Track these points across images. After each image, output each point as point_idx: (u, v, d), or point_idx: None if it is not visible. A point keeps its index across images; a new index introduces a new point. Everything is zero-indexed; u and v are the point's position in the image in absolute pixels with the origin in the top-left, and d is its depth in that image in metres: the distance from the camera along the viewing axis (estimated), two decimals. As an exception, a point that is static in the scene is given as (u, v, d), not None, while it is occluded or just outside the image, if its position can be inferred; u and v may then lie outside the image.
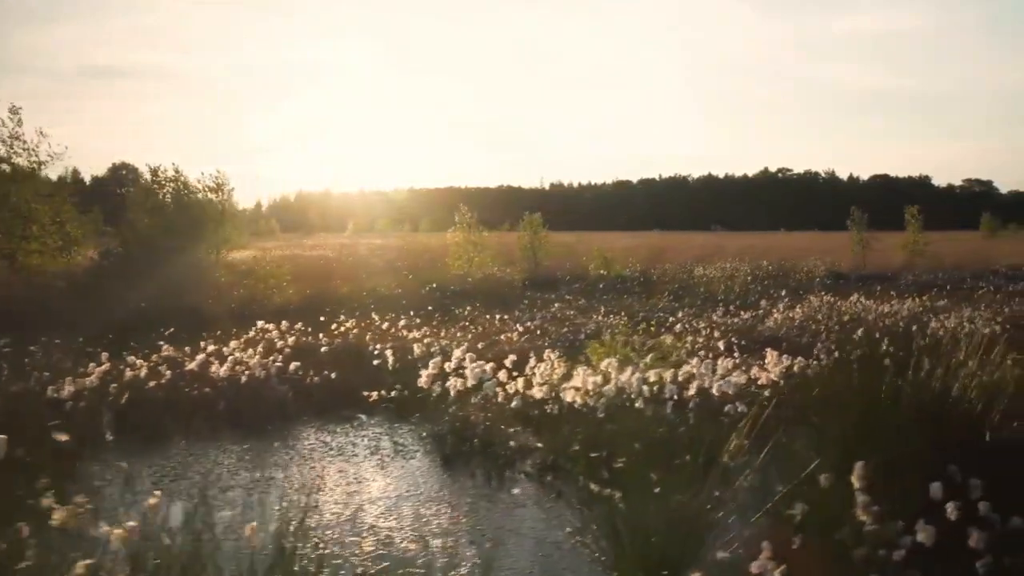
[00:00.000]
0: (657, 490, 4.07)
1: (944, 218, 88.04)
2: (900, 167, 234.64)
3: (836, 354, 7.76)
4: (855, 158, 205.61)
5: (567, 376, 7.00)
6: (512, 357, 7.50)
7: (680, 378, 6.38)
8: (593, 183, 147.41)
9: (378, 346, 9.52)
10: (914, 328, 10.09)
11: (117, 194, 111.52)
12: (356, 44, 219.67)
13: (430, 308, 14.37)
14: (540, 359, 7.57)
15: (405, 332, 10.99)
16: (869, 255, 25.68)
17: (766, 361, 7.41)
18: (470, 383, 6.83)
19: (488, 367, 6.88)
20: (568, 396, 6.31)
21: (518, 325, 12.08)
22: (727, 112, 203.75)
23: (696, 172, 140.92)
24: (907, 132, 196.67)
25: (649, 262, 24.35)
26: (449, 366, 7.21)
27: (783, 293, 15.31)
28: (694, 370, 6.36)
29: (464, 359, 7.13)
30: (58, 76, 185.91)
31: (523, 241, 22.70)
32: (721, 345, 8.98)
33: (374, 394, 7.93)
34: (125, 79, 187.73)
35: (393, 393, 7.84)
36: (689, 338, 10.12)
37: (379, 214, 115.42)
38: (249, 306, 14.88)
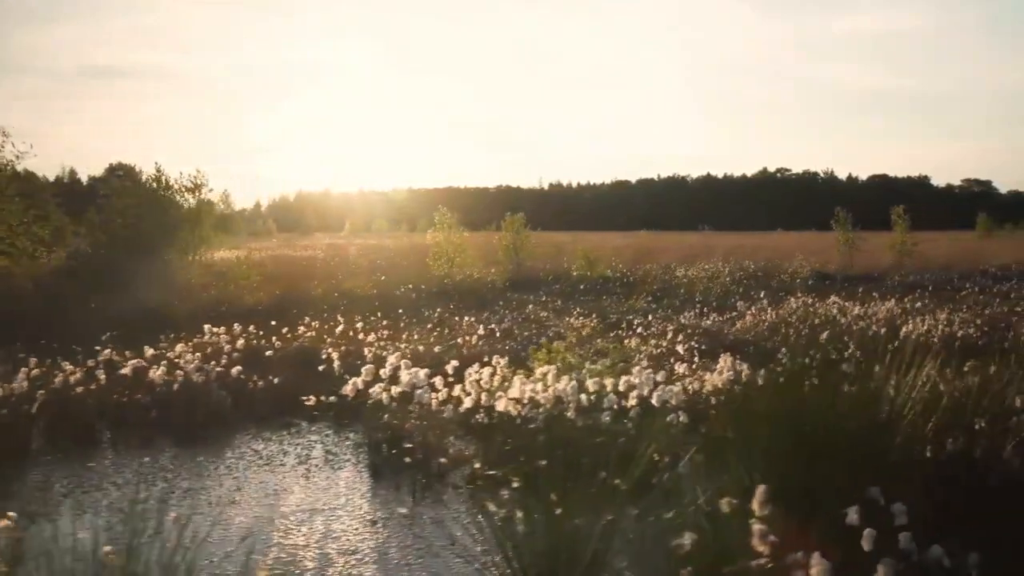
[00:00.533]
0: (559, 509, 3.78)
1: (943, 218, 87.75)
2: (899, 167, 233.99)
3: (788, 362, 7.45)
4: (854, 158, 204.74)
5: (508, 383, 6.70)
6: (454, 363, 7.19)
7: (622, 386, 6.06)
8: (592, 183, 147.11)
9: (330, 350, 9.22)
10: (882, 331, 9.79)
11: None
12: (356, 44, 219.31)
13: (400, 311, 14.07)
14: (486, 364, 7.27)
15: (363, 335, 10.67)
16: (858, 256, 25.36)
17: (719, 367, 7.12)
18: (401, 390, 6.52)
19: (423, 373, 6.57)
20: (501, 405, 6.01)
21: (481, 327, 11.75)
22: (726, 112, 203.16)
23: (695, 172, 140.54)
24: (907, 132, 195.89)
25: (636, 263, 24.04)
26: (385, 372, 6.90)
27: (762, 295, 15.00)
28: (635, 379, 6.04)
29: (399, 365, 6.82)
30: (58, 76, 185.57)
31: (505, 242, 22.36)
32: (681, 349, 8.67)
33: (313, 400, 7.62)
34: (125, 79, 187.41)
35: (332, 399, 7.53)
36: (653, 341, 9.83)
37: (378, 214, 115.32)
38: (217, 308, 14.57)
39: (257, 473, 6.33)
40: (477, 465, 5.98)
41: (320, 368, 8.49)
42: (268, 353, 9.23)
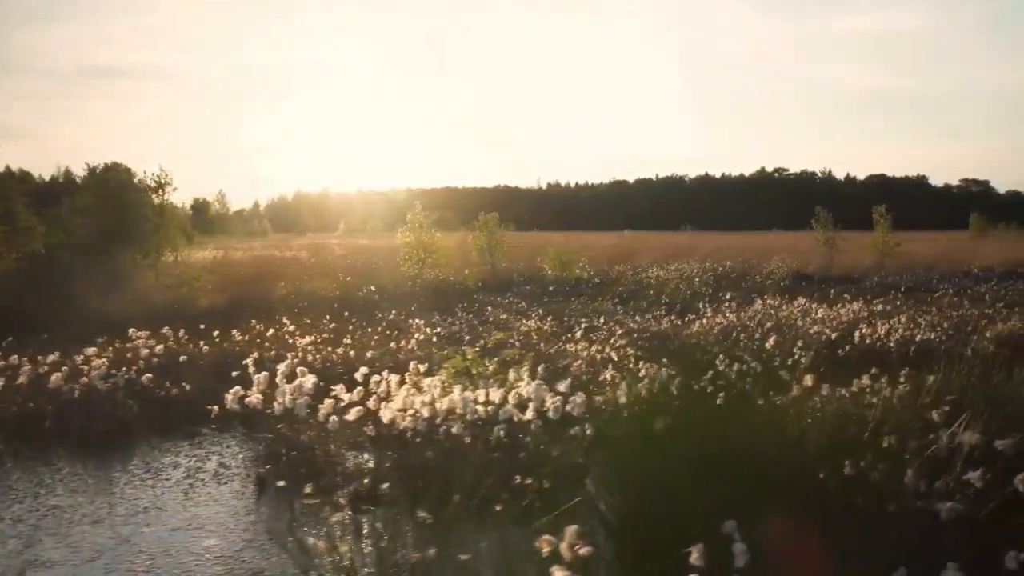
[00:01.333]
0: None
1: (942, 218, 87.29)
2: (898, 167, 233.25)
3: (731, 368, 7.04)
4: (852, 158, 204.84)
5: (416, 392, 6.28)
6: (363, 369, 6.76)
7: (515, 397, 5.63)
8: (590, 183, 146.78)
9: (254, 354, 8.81)
10: (834, 336, 9.36)
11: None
12: (355, 44, 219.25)
13: (349, 313, 13.69)
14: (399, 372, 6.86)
15: (298, 339, 10.27)
16: (843, 256, 24.89)
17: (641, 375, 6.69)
18: (286, 401, 6.09)
19: (310, 382, 6.13)
20: (386, 416, 5.59)
21: (428, 330, 11.35)
22: (725, 112, 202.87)
23: (693, 172, 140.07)
24: (906, 132, 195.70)
25: (616, 263, 23.62)
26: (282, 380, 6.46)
27: (728, 296, 14.54)
28: (524, 390, 5.61)
29: (296, 372, 6.39)
30: (58, 76, 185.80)
31: (479, 242, 21.92)
32: (615, 356, 8.25)
33: (217, 408, 7.19)
34: (125, 79, 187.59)
35: (237, 407, 7.10)
36: (595, 347, 9.41)
37: (375, 214, 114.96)
38: (167, 311, 14.17)
39: (137, 488, 5.92)
40: (366, 481, 5.60)
41: (234, 374, 8.07)
42: (182, 359, 8.79)
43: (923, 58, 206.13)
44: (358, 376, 6.70)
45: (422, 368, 7.12)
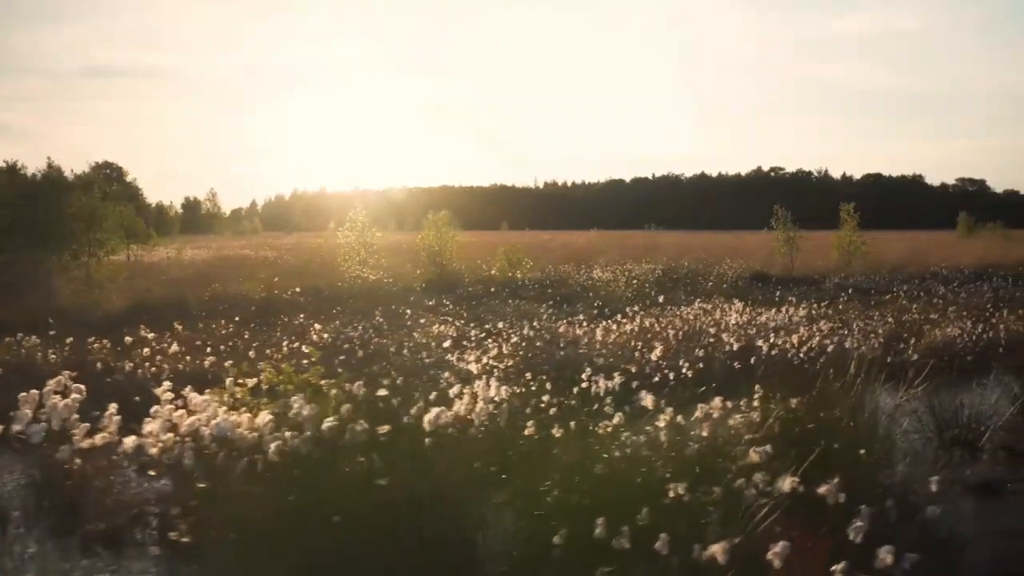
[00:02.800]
0: None
1: (941, 217, 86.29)
2: (895, 166, 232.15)
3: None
4: (849, 157, 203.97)
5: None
6: (167, 384, 5.95)
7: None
8: (586, 182, 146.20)
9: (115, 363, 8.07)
10: (736, 347, 8.52)
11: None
12: (354, 44, 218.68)
13: (248, 316, 12.93)
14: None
15: (167, 345, 9.48)
16: (812, 256, 24.03)
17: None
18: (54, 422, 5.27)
19: (63, 403, 5.32)
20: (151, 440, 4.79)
21: (323, 336, 10.56)
22: (723, 111, 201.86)
23: (690, 171, 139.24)
24: (905, 131, 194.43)
25: (575, 262, 22.80)
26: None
27: (660, 299, 13.70)
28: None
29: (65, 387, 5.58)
30: (58, 76, 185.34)
31: (427, 241, 21.08)
32: (475, 368, 7.44)
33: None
34: (125, 79, 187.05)
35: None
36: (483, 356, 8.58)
37: (371, 214, 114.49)
38: (64, 314, 13.39)
39: None
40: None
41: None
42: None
43: (921, 58, 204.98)
44: (159, 392, 5.93)
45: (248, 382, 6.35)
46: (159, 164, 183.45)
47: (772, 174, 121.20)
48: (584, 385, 6.48)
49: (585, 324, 10.86)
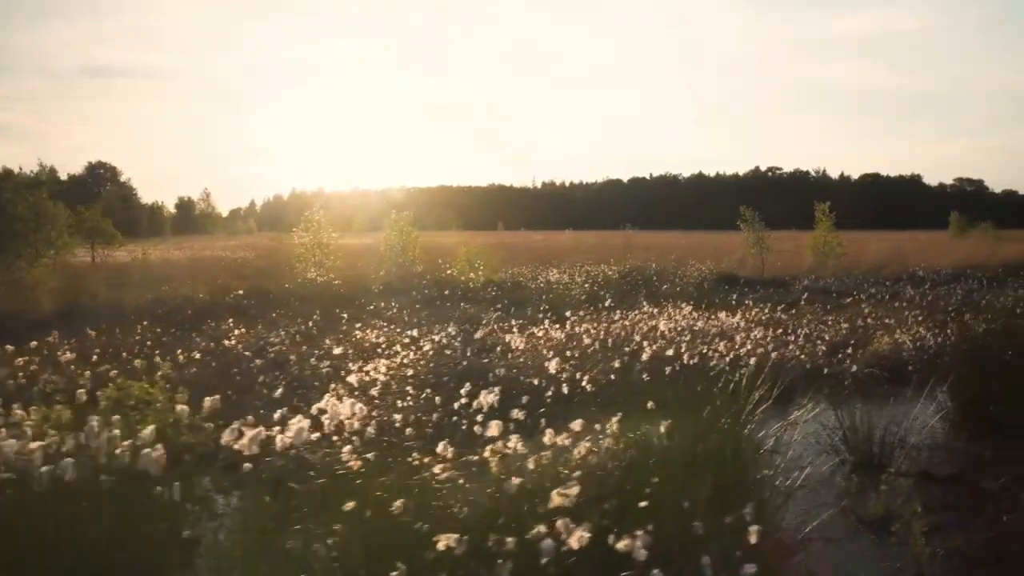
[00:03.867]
0: None
1: (941, 217, 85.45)
2: (893, 166, 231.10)
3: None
4: (847, 157, 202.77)
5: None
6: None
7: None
8: (584, 182, 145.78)
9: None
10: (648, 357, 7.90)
11: (94, 192, 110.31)
12: (352, 44, 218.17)
13: (182, 319, 12.35)
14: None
15: (61, 354, 8.90)
16: (793, 257, 23.39)
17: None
18: None
19: None
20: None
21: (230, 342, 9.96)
22: (722, 111, 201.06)
23: (688, 171, 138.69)
24: (906, 132, 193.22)
25: (541, 263, 22.20)
26: None
27: (608, 303, 13.08)
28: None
29: None
30: (58, 76, 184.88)
31: (389, 242, 20.48)
32: (354, 380, 6.86)
33: None
34: (125, 79, 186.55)
35: None
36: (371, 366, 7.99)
37: (366, 213, 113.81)
38: None
39: None
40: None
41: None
42: None
43: (921, 58, 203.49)
44: None
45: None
46: (159, 164, 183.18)
47: (770, 174, 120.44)
48: (464, 401, 5.91)
49: (515, 330, 10.26)
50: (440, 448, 4.16)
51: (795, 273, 20.09)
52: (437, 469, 3.84)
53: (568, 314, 12.00)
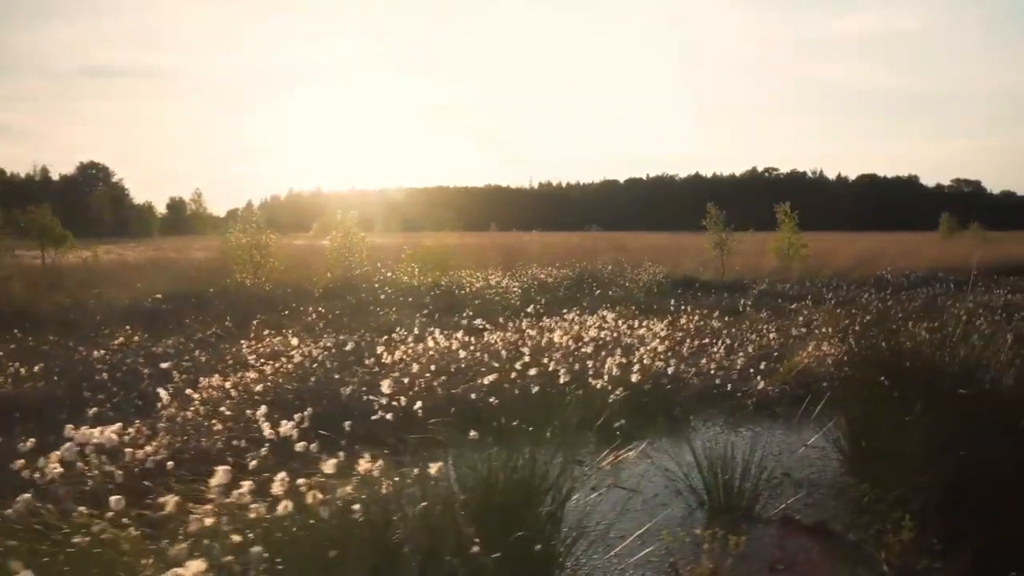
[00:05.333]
0: None
1: (937, 218, 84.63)
2: (891, 167, 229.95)
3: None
4: (845, 158, 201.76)
5: None
6: None
7: None
8: (581, 183, 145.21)
9: None
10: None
11: (85, 193, 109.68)
12: (353, 44, 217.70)
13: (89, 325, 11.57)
14: None
15: None
16: (752, 259, 22.46)
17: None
18: None
19: None
20: None
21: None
22: (720, 112, 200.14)
23: (684, 172, 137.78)
24: (905, 132, 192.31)
25: (497, 264, 21.33)
26: None
27: (539, 308, 12.22)
28: None
29: None
30: (58, 76, 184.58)
31: (335, 244, 19.62)
32: (197, 395, 6.04)
33: None
34: (125, 79, 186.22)
35: None
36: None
37: (362, 214, 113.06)
38: None
39: None
40: None
41: None
42: None
43: (921, 58, 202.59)
44: None
45: None
46: (159, 164, 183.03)
47: (766, 175, 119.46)
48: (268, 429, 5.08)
49: (410, 339, 9.41)
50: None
51: (758, 276, 19.18)
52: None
53: (479, 322, 11.18)
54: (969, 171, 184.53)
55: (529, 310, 11.85)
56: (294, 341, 8.96)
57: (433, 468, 3.91)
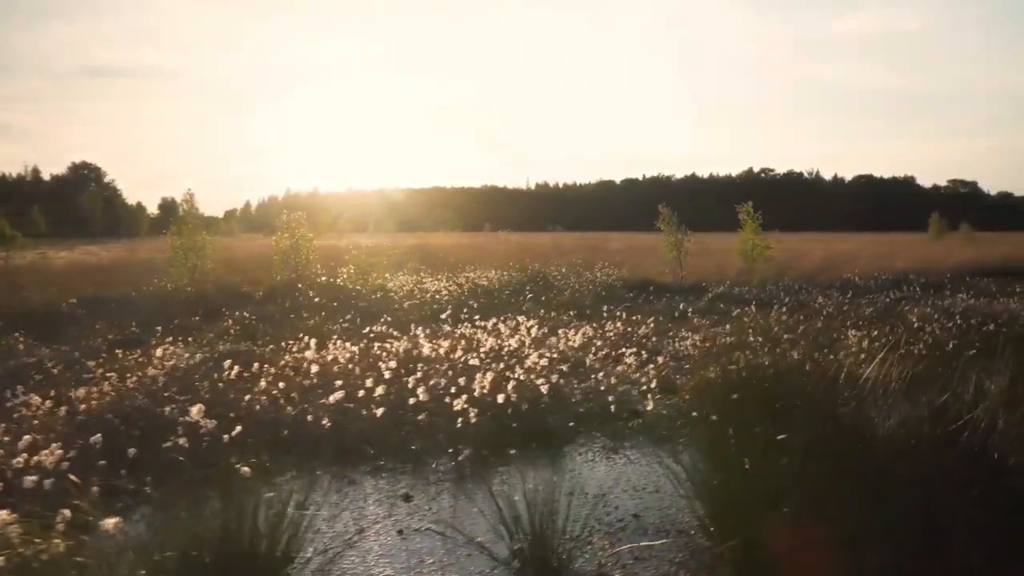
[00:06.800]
0: None
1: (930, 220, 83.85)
2: (895, 168, 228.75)
3: None
4: (848, 159, 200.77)
5: None
6: None
7: None
8: (577, 183, 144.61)
9: None
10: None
11: (76, 193, 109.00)
12: (353, 44, 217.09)
13: None
14: None
15: None
16: (719, 260, 21.62)
17: None
18: None
19: None
20: None
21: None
22: (718, 112, 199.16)
23: (680, 172, 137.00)
24: (905, 133, 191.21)
25: (450, 266, 20.53)
26: None
27: (457, 315, 11.44)
28: None
29: None
30: (58, 76, 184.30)
31: (280, 245, 18.78)
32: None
33: None
34: (125, 79, 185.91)
35: None
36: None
37: (363, 214, 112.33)
38: None
39: None
40: None
41: None
42: None
43: (921, 58, 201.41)
44: None
45: None
46: (158, 164, 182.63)
47: (762, 175, 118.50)
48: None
49: (309, 350, 8.64)
50: None
51: (720, 279, 18.35)
52: None
53: (386, 328, 10.40)
54: (967, 172, 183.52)
55: (443, 316, 11.07)
56: (159, 352, 8.20)
57: (110, 523, 3.13)
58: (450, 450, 5.81)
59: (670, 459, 5.60)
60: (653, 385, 7.27)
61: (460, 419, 5.81)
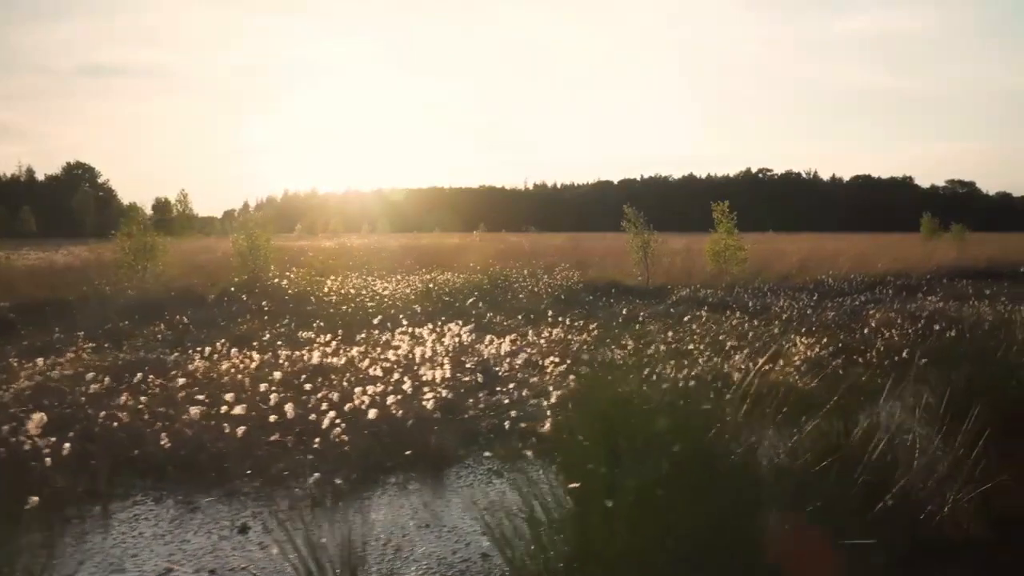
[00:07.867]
0: None
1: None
2: (894, 168, 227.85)
3: None
4: (848, 159, 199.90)
5: None
6: None
7: None
8: (575, 184, 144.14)
9: None
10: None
11: (71, 193, 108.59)
12: (353, 44, 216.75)
13: None
14: None
15: None
16: (695, 261, 21.03)
17: None
18: None
19: None
20: None
21: None
22: (716, 113, 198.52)
23: (679, 173, 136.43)
24: (905, 133, 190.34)
25: (414, 269, 19.96)
26: None
27: (403, 318, 10.89)
28: None
29: None
30: (58, 76, 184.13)
31: (238, 246, 18.18)
32: None
33: None
34: (125, 79, 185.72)
35: None
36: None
37: (362, 215, 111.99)
38: None
39: None
40: None
41: None
42: None
43: (921, 59, 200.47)
44: None
45: None
46: (158, 164, 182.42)
47: (760, 175, 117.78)
48: None
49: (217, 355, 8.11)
50: None
51: (689, 281, 17.76)
52: None
53: (313, 334, 9.85)
54: (966, 172, 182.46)
55: (375, 322, 10.53)
56: (40, 361, 7.66)
57: None
58: (317, 474, 5.27)
59: (546, 486, 5.05)
60: (554, 400, 6.70)
61: (321, 438, 5.26)
